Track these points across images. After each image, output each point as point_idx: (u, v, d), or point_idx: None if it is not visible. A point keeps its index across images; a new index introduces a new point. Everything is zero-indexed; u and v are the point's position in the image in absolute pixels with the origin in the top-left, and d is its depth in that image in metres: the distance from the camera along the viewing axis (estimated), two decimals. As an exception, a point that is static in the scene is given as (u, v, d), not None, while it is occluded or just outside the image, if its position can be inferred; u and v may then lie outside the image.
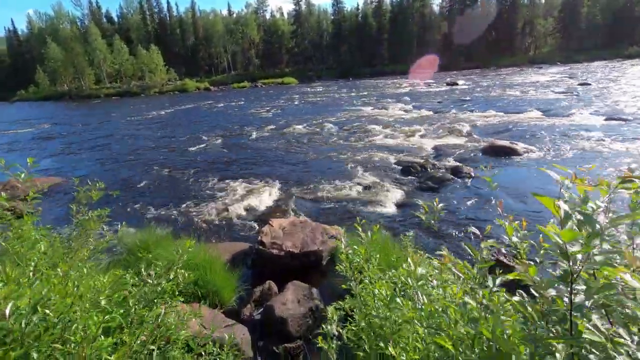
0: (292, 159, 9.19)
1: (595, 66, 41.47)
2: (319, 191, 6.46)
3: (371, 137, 11.11)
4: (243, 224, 5.34)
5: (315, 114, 17.95)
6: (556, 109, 13.86)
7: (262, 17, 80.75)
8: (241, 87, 55.52)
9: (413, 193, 6.10)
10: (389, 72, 59.25)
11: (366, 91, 30.45)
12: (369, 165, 7.95)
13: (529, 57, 66.87)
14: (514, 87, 24.58)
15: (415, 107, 17.81)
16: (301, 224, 4.35)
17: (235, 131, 14.15)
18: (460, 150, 8.65)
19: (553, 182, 1.33)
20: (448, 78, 37.78)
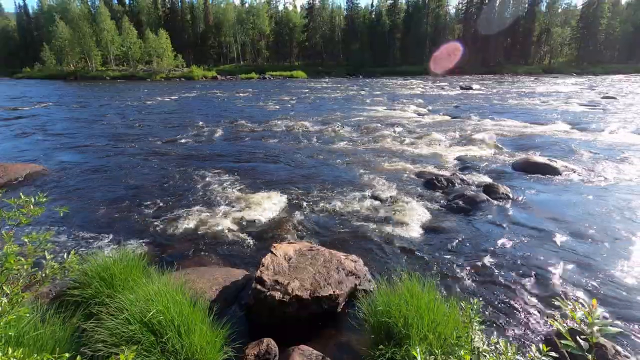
0: (299, 161, 8.28)
1: (614, 79, 40.22)
2: (330, 204, 5.55)
3: (386, 141, 10.17)
4: (239, 241, 4.44)
5: (325, 111, 17.01)
6: (585, 122, 12.87)
7: (274, 8, 79.45)
8: (249, 78, 54.55)
9: (441, 214, 5.18)
10: (400, 72, 58.05)
11: (378, 90, 29.42)
12: (386, 174, 7.03)
13: (544, 66, 65.54)
14: (532, 95, 23.51)
15: (431, 110, 16.84)
16: (311, 253, 3.45)
17: (239, 125, 13.24)
18: (489, 163, 7.71)
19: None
20: (462, 82, 36.66)
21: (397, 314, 2.36)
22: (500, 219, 4.96)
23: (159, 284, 2.60)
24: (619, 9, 68.47)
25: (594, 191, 6.02)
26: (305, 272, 3.13)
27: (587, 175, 6.80)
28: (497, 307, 3.10)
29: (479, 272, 3.66)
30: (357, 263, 3.52)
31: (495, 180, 6.53)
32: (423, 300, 2.48)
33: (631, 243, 4.22)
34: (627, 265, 3.74)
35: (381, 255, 4.08)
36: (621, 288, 3.37)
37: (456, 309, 2.43)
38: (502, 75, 53.76)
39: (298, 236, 4.56)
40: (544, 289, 3.37)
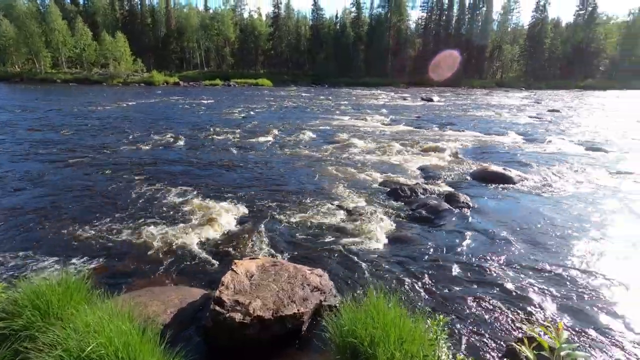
0: (264, 171, 8.09)
1: (557, 94, 43.74)
2: (295, 215, 5.43)
3: (351, 150, 10.25)
4: (198, 258, 4.18)
5: (290, 119, 16.93)
6: (534, 134, 13.77)
7: (239, 15, 78.79)
8: (213, 84, 53.46)
9: (405, 223, 5.23)
10: (364, 83, 59.44)
11: (343, 100, 29.86)
12: (351, 184, 7.03)
13: (496, 81, 69.97)
14: (488, 108, 24.93)
15: (394, 120, 17.30)
16: (275, 268, 3.30)
17: (201, 133, 12.79)
18: (449, 173, 7.97)
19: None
20: (423, 94, 38.17)
21: (363, 333, 2.27)
22: (462, 227, 5.08)
23: (103, 311, 2.33)
24: (559, 30, 74.93)
25: (545, 198, 6.37)
26: (268, 289, 2.97)
27: (538, 183, 7.21)
28: (461, 319, 3.11)
29: (443, 283, 3.69)
30: (323, 277, 3.41)
31: (456, 189, 6.73)
32: (389, 316, 2.41)
33: (580, 247, 4.46)
34: (580, 269, 3.94)
35: (347, 268, 4.01)
36: (577, 293, 3.53)
37: (422, 324, 2.39)
38: (460, 88, 56.70)
39: (262, 250, 4.38)
40: (506, 298, 3.45)
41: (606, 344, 2.82)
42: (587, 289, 3.60)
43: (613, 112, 23.21)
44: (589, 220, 5.39)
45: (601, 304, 3.35)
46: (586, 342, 2.83)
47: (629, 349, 2.77)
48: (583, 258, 4.23)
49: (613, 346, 2.80)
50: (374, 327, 2.31)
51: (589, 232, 4.97)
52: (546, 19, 72.59)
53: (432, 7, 74.73)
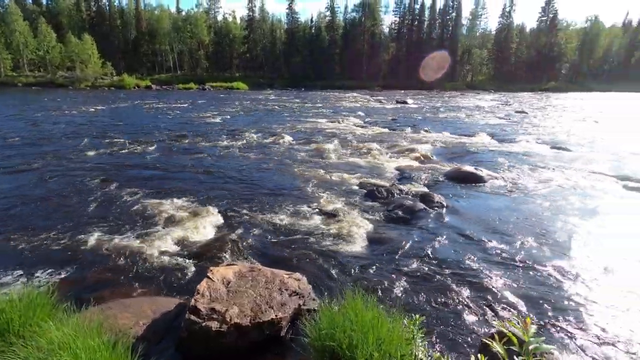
0: (240, 175, 7.98)
1: (523, 96, 45.76)
2: (272, 219, 5.38)
3: (328, 152, 10.29)
4: (173, 266, 4.06)
5: (267, 123, 16.82)
6: (503, 134, 14.33)
7: (213, 18, 77.76)
8: (187, 88, 52.42)
9: (382, 224, 5.29)
10: (340, 86, 60.00)
11: (319, 103, 30.00)
12: (329, 186, 7.05)
13: (467, 83, 72.42)
14: (459, 109, 25.73)
15: (370, 123, 17.53)
16: (252, 274, 3.25)
17: (175, 138, 12.48)
18: (424, 173, 8.14)
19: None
20: (397, 96, 38.92)
21: (342, 336, 2.27)
22: (437, 226, 5.20)
23: (69, 326, 2.22)
24: (524, 35, 78.57)
25: (514, 196, 6.63)
26: (246, 296, 2.92)
27: (507, 182, 7.50)
28: (438, 316, 3.18)
29: (420, 282, 3.75)
30: (301, 281, 3.38)
31: (431, 189, 6.89)
32: (367, 317, 2.42)
33: (547, 242, 4.66)
34: (548, 264, 4.11)
35: (325, 270, 4.00)
36: (546, 287, 3.68)
37: (400, 323, 2.42)
38: (432, 90, 58.24)
39: (239, 256, 4.31)
40: (479, 294, 3.55)
41: (572, 335, 2.96)
42: (555, 283, 3.76)
43: (574, 113, 24.52)
44: (556, 216, 5.65)
45: (567, 297, 3.51)
46: (553, 333, 2.95)
47: (593, 338, 2.91)
48: (550, 253, 4.42)
49: (578, 337, 2.94)
50: (352, 330, 2.32)
51: (555, 227, 5.20)
52: (512, 25, 75.95)
53: (404, 12, 76.54)
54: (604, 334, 2.97)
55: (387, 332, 2.34)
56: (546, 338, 2.88)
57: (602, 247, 4.59)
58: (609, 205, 6.20)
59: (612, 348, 2.80)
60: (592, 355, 2.73)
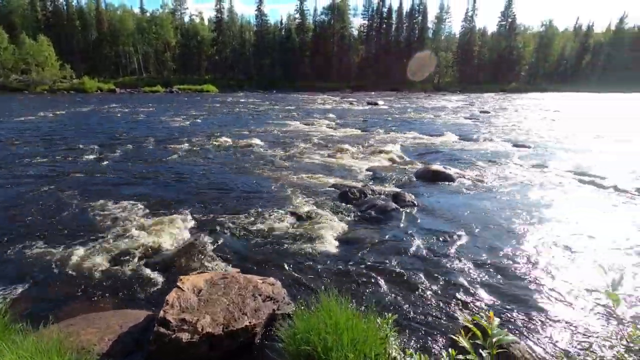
0: (211, 179, 7.80)
1: (486, 97, 47.80)
2: (245, 224, 5.29)
3: (301, 155, 10.28)
4: (141, 277, 3.89)
5: (238, 126, 16.57)
6: (468, 133, 14.89)
7: (180, 19, 75.84)
8: (154, 91, 50.75)
9: (356, 225, 5.34)
10: (311, 88, 60.18)
11: (291, 105, 29.93)
12: (301, 188, 7.03)
13: (434, 85, 74.75)
14: (428, 110, 26.50)
15: (342, 124, 17.68)
16: (224, 281, 3.17)
17: (141, 142, 12.03)
18: (395, 173, 8.30)
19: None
20: (368, 98, 39.54)
21: (317, 339, 2.26)
22: (408, 225, 5.31)
23: (25, 348, 2.07)
24: (486, 38, 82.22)
25: (480, 193, 6.90)
26: (218, 304, 2.85)
27: (474, 179, 7.79)
28: (410, 314, 3.24)
29: (393, 281, 3.81)
30: (275, 286, 3.35)
31: (402, 188, 7.03)
32: (342, 319, 2.43)
33: (511, 236, 4.88)
34: (512, 258, 4.30)
35: (300, 273, 3.98)
36: (510, 281, 3.84)
37: (374, 323, 2.44)
38: (402, 92, 59.65)
39: (211, 263, 4.20)
40: (449, 290, 3.65)
41: (536, 324, 3.10)
42: (519, 275, 3.94)
43: (533, 112, 25.90)
44: (519, 210, 5.92)
45: (531, 288, 3.69)
46: (520, 324, 3.09)
47: (555, 325, 3.07)
48: (515, 246, 4.63)
49: (541, 325, 3.09)
50: (327, 332, 2.31)
51: (519, 221, 5.45)
52: (474, 29, 79.29)
53: (372, 15, 77.99)
54: (564, 320, 3.14)
55: (361, 332, 2.36)
56: (513, 329, 3.01)
57: (561, 239, 4.86)
58: (565, 199, 6.58)
59: (572, 333, 2.97)
60: (554, 341, 2.88)
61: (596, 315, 3.17)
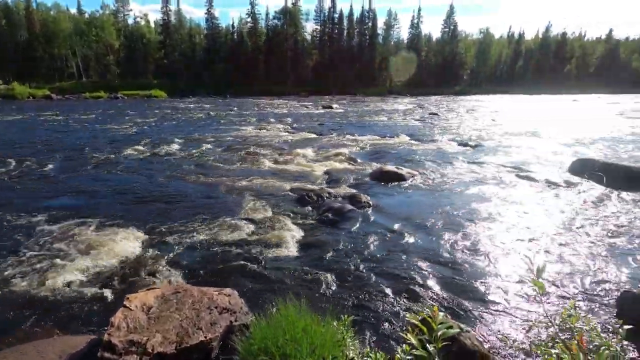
0: (160, 189, 7.43)
1: (435, 99, 50.44)
2: (199, 234, 5.10)
3: (257, 160, 10.14)
4: (84, 299, 3.60)
5: (189, 132, 15.97)
6: (419, 134, 15.61)
7: (123, 21, 71.72)
8: (97, 97, 47.37)
9: (314, 228, 5.36)
10: (266, 93, 59.63)
11: (245, 110, 29.47)
12: (258, 194, 6.93)
13: (386, 88, 77.46)
14: (381, 113, 27.40)
15: (297, 128, 17.72)
16: (177, 296, 3.03)
17: (81, 152, 11.18)
18: (351, 175, 8.47)
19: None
20: (323, 102, 40.03)
21: (275, 348, 2.23)
22: (365, 226, 5.44)
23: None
24: (432, 44, 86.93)
25: (431, 191, 7.26)
26: (170, 320, 2.71)
27: (425, 178, 8.18)
28: (368, 313, 3.31)
29: (351, 282, 3.87)
30: (232, 296, 3.25)
31: (358, 190, 7.19)
32: (300, 325, 2.41)
33: (460, 232, 5.19)
34: (463, 251, 4.56)
35: (258, 281, 3.91)
36: (462, 273, 4.07)
37: (332, 326, 2.46)
38: (356, 96, 61.10)
39: (163, 278, 3.99)
40: (403, 287, 3.79)
41: (482, 314, 3.32)
42: (467, 269, 4.19)
43: (475, 113, 27.78)
44: (465, 206, 6.31)
45: (479, 279, 3.94)
46: (467, 315, 3.28)
47: (500, 315, 3.31)
48: (462, 241, 4.92)
49: (487, 315, 3.31)
50: (285, 340, 2.29)
51: (465, 217, 5.80)
52: (420, 35, 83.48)
53: (324, 21, 79.19)
54: (506, 307, 3.38)
55: (320, 337, 2.36)
56: (463, 319, 3.19)
57: (502, 231, 5.24)
58: (504, 194, 7.12)
59: (513, 318, 3.21)
60: (499, 327, 3.10)
61: (533, 300, 3.46)
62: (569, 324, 2.26)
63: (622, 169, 7.93)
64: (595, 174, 7.85)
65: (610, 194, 6.92)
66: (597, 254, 4.48)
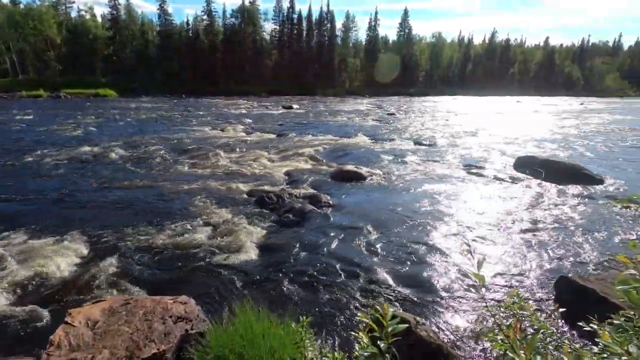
0: (110, 196, 6.97)
1: (392, 100, 52.08)
2: (153, 240, 4.85)
3: (215, 162, 9.84)
4: (20, 316, 3.27)
5: (142, 134, 15.15)
6: (377, 134, 16.02)
7: (65, 14, 66.51)
8: (36, 96, 43.44)
9: (275, 230, 5.31)
10: (224, 92, 58.16)
11: (202, 110, 28.54)
12: (216, 198, 6.73)
13: (345, 89, 78.69)
14: (340, 113, 27.76)
15: (257, 129, 17.47)
16: (126, 307, 2.85)
17: (15, 157, 10.20)
18: (311, 175, 8.49)
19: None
20: (283, 102, 39.81)
21: (232, 355, 2.17)
22: (325, 225, 5.47)
23: None
24: (389, 47, 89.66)
25: (389, 188, 7.48)
26: (119, 334, 2.54)
27: (383, 176, 8.41)
28: (327, 313, 3.33)
29: (311, 283, 3.88)
30: (188, 304, 3.12)
31: (318, 190, 7.23)
32: (258, 330, 2.37)
33: (417, 226, 5.39)
34: (418, 246, 4.74)
35: (217, 287, 3.80)
36: (418, 269, 4.22)
37: (291, 328, 2.44)
38: (316, 96, 61.44)
39: (112, 289, 3.74)
40: (360, 285, 3.86)
41: (437, 306, 3.47)
42: (421, 263, 4.36)
43: (430, 113, 29.07)
44: (421, 202, 6.56)
45: (431, 274, 4.11)
46: (423, 308, 3.42)
47: (453, 306, 3.47)
48: (418, 237, 5.11)
49: (441, 307, 3.46)
50: (243, 346, 2.24)
51: (421, 213, 6.04)
52: (377, 37, 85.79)
53: (283, 21, 78.80)
54: (458, 298, 3.57)
55: (279, 339, 2.34)
56: (419, 311, 3.31)
57: (454, 225, 5.52)
58: (457, 189, 7.51)
59: (465, 308, 3.39)
60: (451, 317, 3.26)
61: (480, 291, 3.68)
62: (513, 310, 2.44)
63: (558, 165, 8.68)
64: (536, 170, 8.52)
65: (549, 187, 7.54)
66: (537, 243, 4.86)
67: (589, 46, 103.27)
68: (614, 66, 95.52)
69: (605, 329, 1.16)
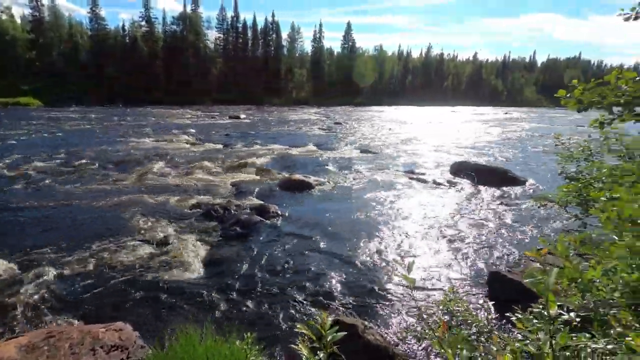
0: (32, 214, 6.25)
1: (339, 110, 53.46)
2: (88, 262, 4.42)
3: (157, 175, 9.30)
4: None
5: (73, 147, 13.85)
6: (325, 143, 16.31)
7: (-25, 14, 59.12)
8: None
9: (221, 244, 5.14)
10: (166, 102, 55.39)
11: (144, 120, 26.92)
12: (158, 212, 6.36)
13: (293, 99, 79.25)
14: (288, 122, 27.85)
15: (202, 139, 16.87)
16: (49, 341, 2.57)
17: None
18: (259, 186, 8.38)
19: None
20: (230, 112, 38.97)
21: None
22: (274, 236, 5.42)
23: None
24: (334, 58, 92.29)
25: (337, 196, 7.64)
26: (40, 372, 2.27)
27: (331, 185, 8.57)
28: (272, 327, 3.29)
29: (256, 297, 3.81)
30: (124, 331, 2.89)
31: (266, 200, 7.14)
32: (201, 350, 2.28)
33: (364, 233, 5.55)
34: (365, 256, 4.88)
35: (156, 310, 3.56)
36: (364, 273, 4.33)
37: (236, 345, 2.37)
38: (262, 105, 61.03)
39: (34, 321, 3.34)
40: (309, 293, 3.88)
41: (382, 310, 3.59)
42: (367, 272, 4.50)
43: (375, 122, 30.31)
44: (366, 208, 6.79)
45: (377, 282, 4.25)
46: (370, 312, 3.52)
47: (396, 309, 3.62)
48: (363, 245, 5.27)
49: (385, 311, 3.59)
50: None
51: (366, 219, 6.24)
52: (322, 49, 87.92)
53: (227, 29, 77.58)
54: (400, 301, 3.73)
55: (222, 358, 2.26)
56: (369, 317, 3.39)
57: (398, 229, 5.78)
58: (400, 194, 7.89)
59: (408, 309, 3.55)
60: (396, 319, 3.39)
61: (422, 292, 3.89)
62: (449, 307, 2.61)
63: (487, 169, 9.52)
64: (469, 174, 9.26)
65: (480, 190, 8.23)
66: (471, 242, 5.26)
67: (509, 61, 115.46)
68: (530, 80, 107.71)
69: (529, 317, 1.28)
